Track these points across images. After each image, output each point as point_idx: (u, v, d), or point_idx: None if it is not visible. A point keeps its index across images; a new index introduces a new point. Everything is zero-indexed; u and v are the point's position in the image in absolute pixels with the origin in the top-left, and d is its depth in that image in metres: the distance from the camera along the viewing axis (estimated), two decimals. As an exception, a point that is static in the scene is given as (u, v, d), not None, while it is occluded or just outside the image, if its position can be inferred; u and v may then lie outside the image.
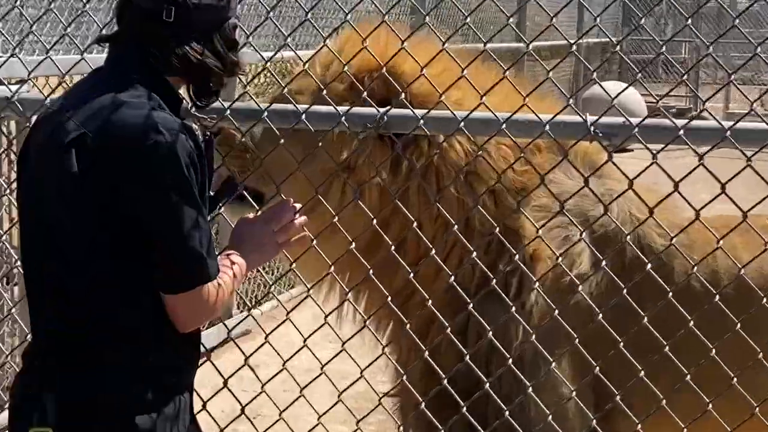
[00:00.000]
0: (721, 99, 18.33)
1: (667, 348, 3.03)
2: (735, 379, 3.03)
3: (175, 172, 2.48)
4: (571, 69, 15.73)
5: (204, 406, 3.31)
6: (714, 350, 3.03)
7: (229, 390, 3.39)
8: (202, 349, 2.75)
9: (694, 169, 2.88)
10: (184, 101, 2.80)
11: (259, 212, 3.04)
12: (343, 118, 3.19)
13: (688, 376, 3.02)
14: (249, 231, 2.83)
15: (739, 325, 2.98)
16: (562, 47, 14.60)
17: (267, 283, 7.90)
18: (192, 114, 3.09)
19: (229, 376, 3.41)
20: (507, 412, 3.15)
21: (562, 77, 15.49)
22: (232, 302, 7.38)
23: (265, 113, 3.26)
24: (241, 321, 4.82)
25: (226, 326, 4.18)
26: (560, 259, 3.16)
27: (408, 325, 3.27)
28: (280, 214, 2.86)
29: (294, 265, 3.35)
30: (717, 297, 3.07)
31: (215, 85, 2.75)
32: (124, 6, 2.67)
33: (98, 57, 3.13)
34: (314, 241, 3.17)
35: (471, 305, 3.15)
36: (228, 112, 3.28)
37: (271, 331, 3.46)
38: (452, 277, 3.19)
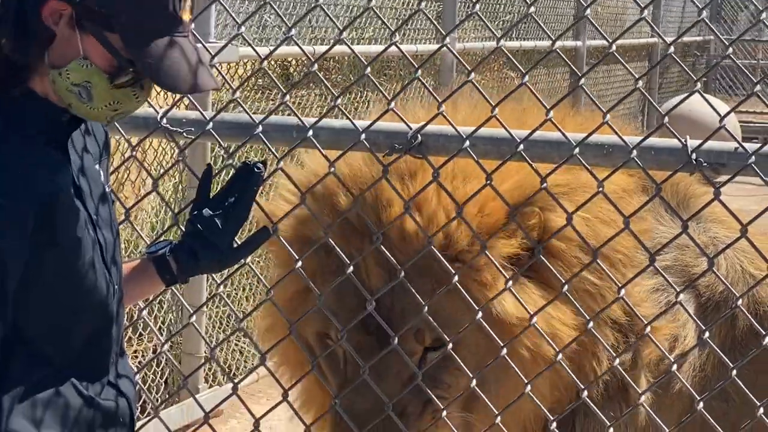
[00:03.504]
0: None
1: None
2: None
3: None
4: (646, 76, 15.72)
5: None
6: None
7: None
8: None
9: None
10: (152, 108, 2.78)
11: None
12: (363, 135, 3.15)
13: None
14: None
15: None
16: (635, 46, 14.61)
17: (244, 349, 7.84)
18: (163, 127, 3.09)
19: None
20: None
21: (629, 86, 15.48)
22: (198, 375, 7.31)
23: (260, 127, 3.23)
24: (224, 399, 4.70)
25: (199, 403, 4.08)
26: (657, 324, 3.09)
27: None
28: None
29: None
30: None
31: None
32: None
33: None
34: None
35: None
36: (210, 125, 3.25)
37: (262, 416, 3.39)
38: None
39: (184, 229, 3.12)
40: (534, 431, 3.34)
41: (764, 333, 3.00)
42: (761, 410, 2.97)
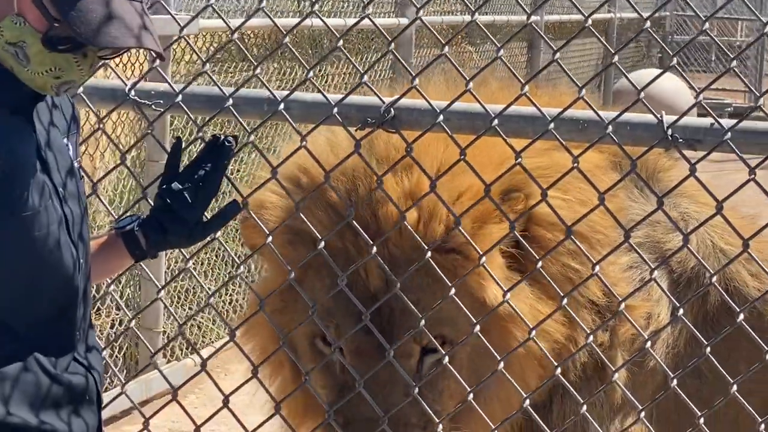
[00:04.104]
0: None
1: (763, 426, 2.95)
2: None
3: None
4: (599, 52, 15.77)
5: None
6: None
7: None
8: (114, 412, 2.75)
9: (744, 184, 2.83)
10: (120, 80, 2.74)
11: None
12: (335, 109, 3.11)
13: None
14: None
15: None
16: (593, 22, 14.60)
17: (202, 324, 7.80)
18: (132, 99, 3.04)
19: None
20: None
21: (587, 64, 15.53)
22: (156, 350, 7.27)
23: (230, 100, 3.18)
24: (193, 375, 4.62)
25: (167, 379, 4.03)
26: (634, 303, 3.09)
27: None
28: None
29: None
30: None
31: None
32: None
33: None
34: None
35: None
36: (179, 97, 3.20)
37: (233, 394, 3.36)
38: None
39: (152, 203, 3.08)
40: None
41: (738, 310, 2.99)
42: (734, 387, 2.96)
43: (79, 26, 2.52)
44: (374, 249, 3.10)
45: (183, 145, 3.10)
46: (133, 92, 3.26)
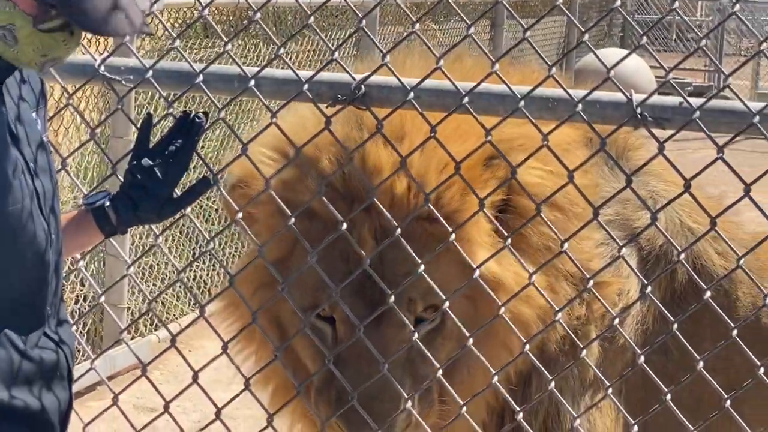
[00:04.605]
0: (748, 74, 18.59)
1: (728, 403, 2.97)
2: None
3: None
4: (561, 30, 15.79)
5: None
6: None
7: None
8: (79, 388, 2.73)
9: (712, 163, 2.84)
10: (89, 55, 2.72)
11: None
12: (306, 86, 3.10)
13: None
14: None
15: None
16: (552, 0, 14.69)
17: (166, 300, 7.78)
18: (101, 74, 3.02)
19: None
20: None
21: (549, 43, 15.56)
22: (121, 326, 7.26)
23: (201, 76, 3.17)
24: (164, 350, 4.61)
25: (136, 355, 4.02)
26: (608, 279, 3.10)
27: None
28: None
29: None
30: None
31: None
32: None
33: None
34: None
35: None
36: (150, 73, 3.18)
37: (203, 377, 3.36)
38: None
39: (122, 179, 3.06)
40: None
41: (705, 288, 3.01)
42: (701, 364, 2.98)
43: (78, 15, 2.50)
44: (344, 226, 3.10)
45: (153, 121, 3.09)
46: (102, 67, 3.24)
